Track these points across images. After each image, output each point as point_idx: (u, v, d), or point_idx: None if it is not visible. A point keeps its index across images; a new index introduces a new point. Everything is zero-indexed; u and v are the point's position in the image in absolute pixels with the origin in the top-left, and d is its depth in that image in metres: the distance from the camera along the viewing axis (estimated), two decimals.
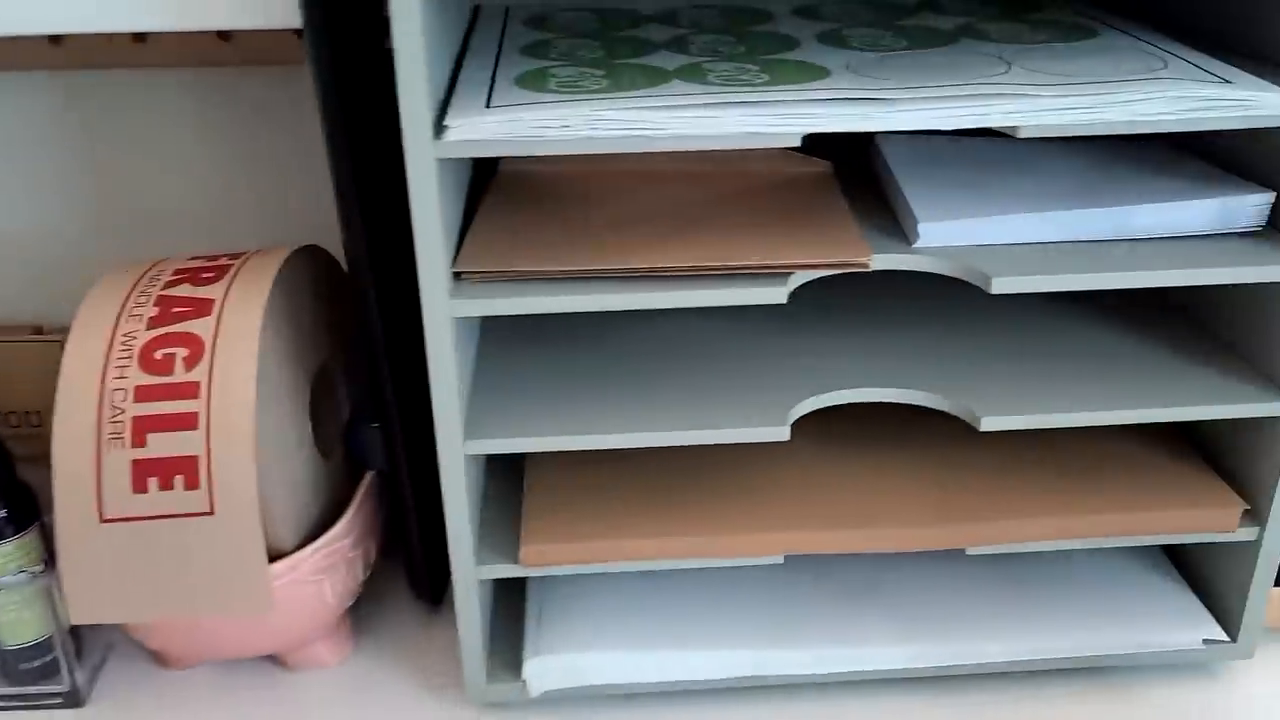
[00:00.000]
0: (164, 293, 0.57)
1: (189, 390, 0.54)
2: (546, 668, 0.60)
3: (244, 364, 0.55)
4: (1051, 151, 0.62)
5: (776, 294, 0.51)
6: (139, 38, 0.70)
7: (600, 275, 0.51)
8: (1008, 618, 0.63)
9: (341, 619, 0.65)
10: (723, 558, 0.58)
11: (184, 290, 0.57)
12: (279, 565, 0.57)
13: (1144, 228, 0.55)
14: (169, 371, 0.54)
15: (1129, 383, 0.58)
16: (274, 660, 0.64)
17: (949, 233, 0.54)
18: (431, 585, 0.66)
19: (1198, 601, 0.64)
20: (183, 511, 0.54)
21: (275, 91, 0.75)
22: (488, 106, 0.48)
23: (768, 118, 0.47)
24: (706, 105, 0.48)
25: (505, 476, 0.64)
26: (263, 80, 0.75)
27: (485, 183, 0.61)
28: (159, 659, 0.64)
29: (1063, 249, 0.54)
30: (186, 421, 0.54)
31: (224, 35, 0.70)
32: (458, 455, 0.54)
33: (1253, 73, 0.51)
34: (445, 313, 0.50)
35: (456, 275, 0.52)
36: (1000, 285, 0.52)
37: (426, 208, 0.48)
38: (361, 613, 0.68)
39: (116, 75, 0.74)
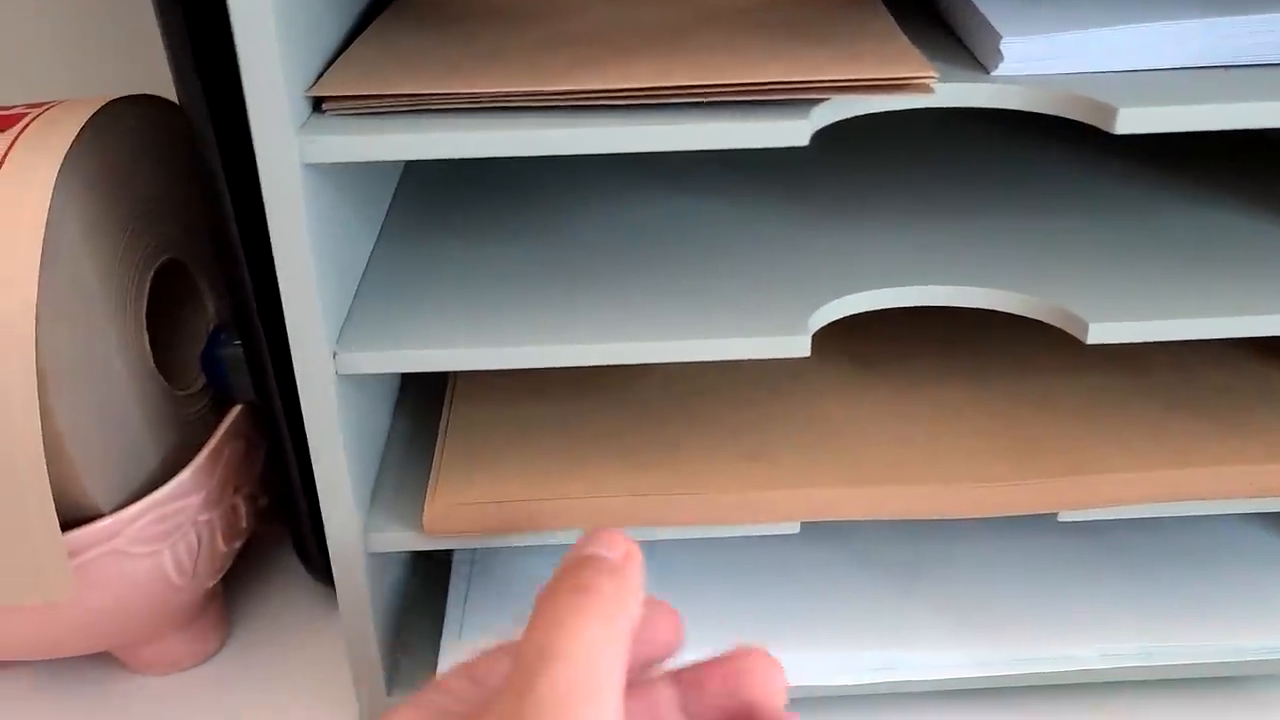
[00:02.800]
0: None
1: None
2: None
3: (24, 246, 0.38)
4: None
5: (794, 131, 0.34)
6: None
7: (526, 103, 0.34)
8: (1110, 610, 0.46)
9: (207, 604, 0.48)
10: (715, 525, 0.41)
11: None
12: (83, 532, 0.40)
13: None
14: None
15: None
16: (115, 660, 0.48)
17: (1043, 52, 0.37)
18: (326, 556, 0.49)
19: None
20: None
21: None
22: None
23: None
24: None
25: (426, 413, 0.47)
26: None
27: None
28: None
29: (1206, 76, 0.37)
30: None
31: None
32: (325, 375, 0.37)
33: None
34: (292, 157, 0.33)
35: (317, 106, 0.35)
36: (1129, 121, 0.35)
37: None
38: (239, 594, 0.51)
39: None
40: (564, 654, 0.27)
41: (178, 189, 0.46)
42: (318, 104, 0.35)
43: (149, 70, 0.47)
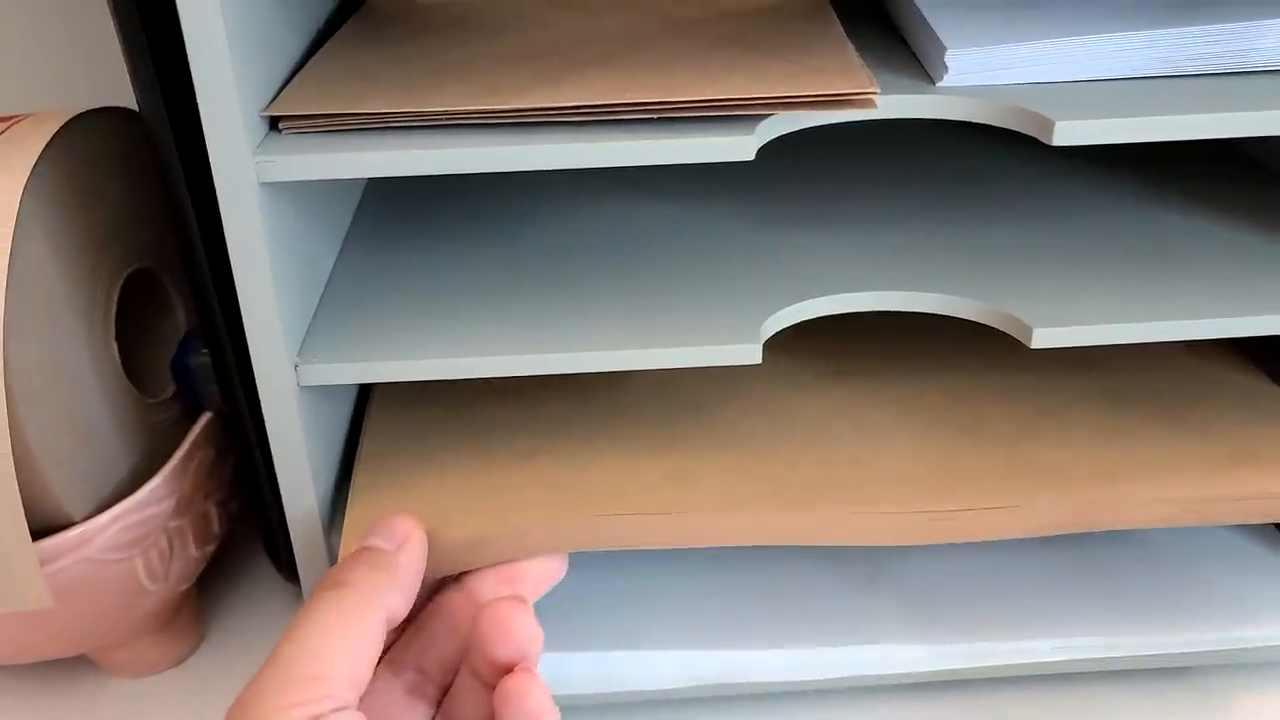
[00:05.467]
0: None
1: None
2: None
3: None
4: None
5: (739, 146, 0.35)
6: None
7: (479, 121, 0.35)
8: (1062, 605, 0.47)
9: (180, 608, 0.49)
10: (638, 544, 0.41)
11: None
12: (54, 541, 0.41)
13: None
14: None
15: (1234, 285, 0.41)
16: (91, 663, 0.49)
17: (987, 63, 0.38)
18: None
19: None
20: None
21: None
22: None
23: None
24: None
25: None
26: None
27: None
28: None
29: (1151, 87, 0.38)
30: None
31: None
32: (287, 387, 0.38)
33: None
34: (249, 177, 0.34)
35: (274, 125, 0.36)
36: (1065, 134, 0.35)
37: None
38: (212, 596, 0.52)
39: None
40: (301, 643, 0.31)
41: (147, 198, 0.47)
42: (275, 122, 0.36)
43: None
